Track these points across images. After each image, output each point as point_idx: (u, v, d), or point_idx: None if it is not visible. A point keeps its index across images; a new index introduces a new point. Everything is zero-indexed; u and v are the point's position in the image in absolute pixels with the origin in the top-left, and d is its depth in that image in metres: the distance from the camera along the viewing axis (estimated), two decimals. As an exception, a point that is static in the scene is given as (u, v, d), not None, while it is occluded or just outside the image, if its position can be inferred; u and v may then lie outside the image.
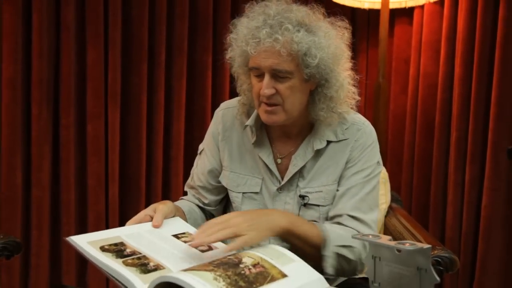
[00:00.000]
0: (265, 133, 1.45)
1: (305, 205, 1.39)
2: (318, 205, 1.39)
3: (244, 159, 1.46)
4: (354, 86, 1.40)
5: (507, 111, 2.40)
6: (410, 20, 2.73)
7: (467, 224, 2.50)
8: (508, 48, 2.37)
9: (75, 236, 1.15)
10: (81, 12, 2.42)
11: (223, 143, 1.49)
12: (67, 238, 1.13)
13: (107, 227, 2.52)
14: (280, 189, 1.42)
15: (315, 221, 1.38)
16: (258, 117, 1.42)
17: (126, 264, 1.07)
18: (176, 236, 1.23)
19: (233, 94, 2.65)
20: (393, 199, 2.01)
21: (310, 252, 1.28)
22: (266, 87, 1.29)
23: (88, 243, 1.12)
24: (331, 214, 1.38)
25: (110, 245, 1.14)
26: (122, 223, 2.55)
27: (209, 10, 2.58)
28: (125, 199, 2.56)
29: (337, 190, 1.40)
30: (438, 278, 0.91)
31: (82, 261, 2.51)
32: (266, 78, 1.29)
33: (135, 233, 1.21)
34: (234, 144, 1.48)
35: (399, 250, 0.93)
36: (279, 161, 1.43)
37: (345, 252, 1.30)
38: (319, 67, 1.30)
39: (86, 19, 2.42)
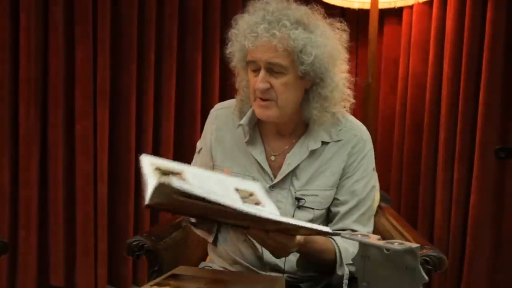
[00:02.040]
0: (257, 131, 1.46)
1: (300, 207, 1.40)
2: (313, 208, 1.40)
3: (237, 157, 1.46)
4: (350, 88, 1.41)
5: (495, 111, 2.42)
6: (399, 20, 2.73)
7: (456, 223, 2.51)
8: (496, 49, 2.39)
9: (147, 156, 1.18)
10: (69, 12, 2.40)
11: (216, 143, 1.49)
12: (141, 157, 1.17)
13: (95, 227, 2.50)
14: (272, 186, 1.42)
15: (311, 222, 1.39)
16: (252, 116, 1.43)
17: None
18: (237, 189, 1.23)
19: (223, 92, 2.67)
20: (382, 199, 2.01)
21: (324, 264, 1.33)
22: (261, 81, 1.32)
23: (150, 163, 1.16)
24: (334, 228, 1.40)
25: (166, 169, 1.16)
26: (110, 223, 2.55)
27: (198, 9, 2.57)
28: (113, 199, 2.55)
29: (337, 199, 1.41)
30: (426, 277, 0.91)
31: (70, 261, 2.50)
32: (262, 72, 1.32)
33: (199, 173, 1.23)
34: (227, 143, 1.48)
35: (388, 250, 0.93)
36: (272, 158, 1.44)
37: (351, 268, 1.33)
38: (314, 65, 1.31)
39: (74, 19, 2.40)
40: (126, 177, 2.53)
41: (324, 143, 1.42)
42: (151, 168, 1.15)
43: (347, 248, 1.34)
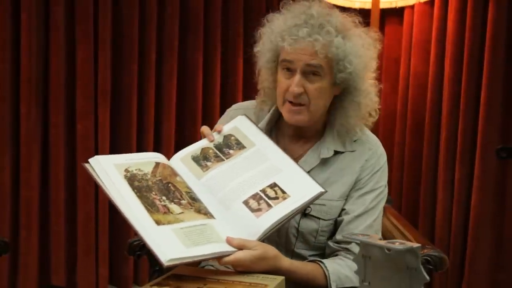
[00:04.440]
0: (274, 135, 1.44)
1: (305, 215, 1.37)
2: (319, 218, 1.38)
3: None
4: (377, 95, 1.40)
5: (496, 111, 2.42)
6: (400, 20, 2.73)
7: (457, 223, 2.51)
8: (497, 49, 2.39)
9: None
10: (71, 12, 2.40)
11: None
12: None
13: (96, 227, 2.50)
14: None
15: (313, 235, 1.38)
16: (270, 119, 1.42)
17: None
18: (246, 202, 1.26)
19: (224, 92, 2.67)
20: (383, 199, 2.01)
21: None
22: (296, 85, 1.29)
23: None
24: (338, 237, 1.38)
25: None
26: (112, 223, 2.55)
27: (199, 9, 2.57)
28: (115, 198, 2.54)
29: (343, 210, 1.39)
30: (427, 277, 0.91)
31: (72, 261, 2.50)
32: (297, 76, 1.30)
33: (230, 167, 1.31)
34: None
35: (389, 249, 0.93)
36: None
37: None
38: (352, 73, 1.31)
39: (76, 19, 2.40)
40: (127, 177, 2.53)
41: (337, 152, 1.39)
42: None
43: (338, 269, 1.31)
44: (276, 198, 1.24)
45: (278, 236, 1.35)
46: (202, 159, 1.32)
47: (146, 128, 2.55)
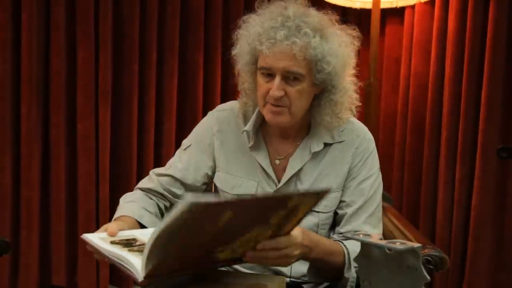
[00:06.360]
0: (261, 136, 1.44)
1: None
2: (318, 212, 1.39)
3: (241, 161, 1.44)
4: (356, 92, 1.41)
5: (497, 111, 2.42)
6: (401, 20, 2.73)
7: (457, 223, 2.51)
8: (498, 48, 2.39)
9: (90, 234, 1.20)
10: (71, 11, 2.41)
11: (219, 145, 1.46)
12: (82, 236, 1.19)
13: (97, 227, 2.49)
14: (277, 191, 1.41)
15: (315, 230, 1.39)
16: (256, 120, 1.41)
17: (131, 251, 1.09)
18: None
19: (225, 92, 2.67)
20: (383, 198, 2.01)
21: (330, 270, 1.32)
22: (276, 89, 1.29)
23: (99, 239, 1.16)
24: (342, 230, 1.39)
25: (121, 239, 1.16)
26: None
27: (200, 9, 2.57)
28: (115, 198, 2.53)
29: (343, 201, 1.40)
30: (428, 277, 0.91)
31: (72, 261, 2.50)
32: (277, 79, 1.30)
33: (147, 231, 1.21)
34: (230, 147, 1.46)
35: (389, 249, 0.93)
36: (277, 162, 1.42)
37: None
38: (331, 73, 1.31)
39: (76, 18, 2.40)
40: (128, 177, 2.53)
41: (326, 144, 1.41)
42: (105, 243, 1.14)
43: (356, 251, 1.32)
44: None
45: None
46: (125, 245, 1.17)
47: (146, 128, 2.55)
